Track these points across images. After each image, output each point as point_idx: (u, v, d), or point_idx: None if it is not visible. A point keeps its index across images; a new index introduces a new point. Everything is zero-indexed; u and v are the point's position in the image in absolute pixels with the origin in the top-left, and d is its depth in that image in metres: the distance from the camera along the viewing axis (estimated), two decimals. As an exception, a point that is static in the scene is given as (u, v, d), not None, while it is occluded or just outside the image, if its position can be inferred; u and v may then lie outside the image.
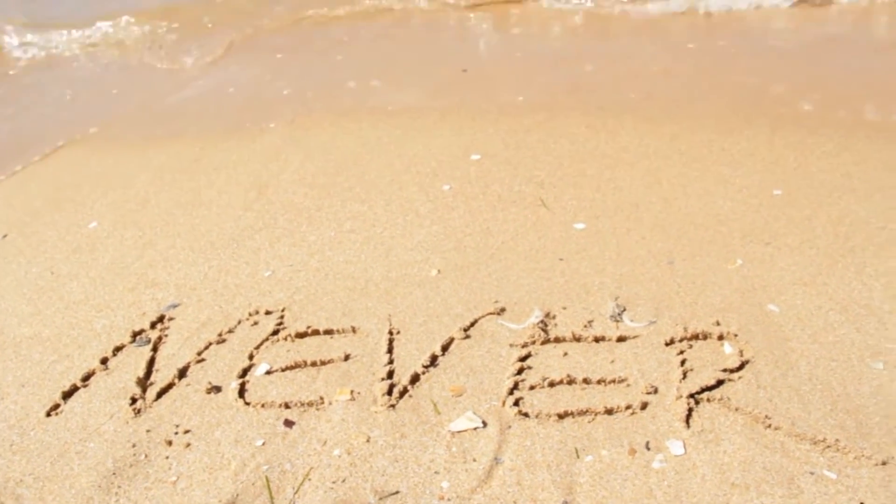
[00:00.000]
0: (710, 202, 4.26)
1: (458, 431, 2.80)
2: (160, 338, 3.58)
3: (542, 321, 3.35)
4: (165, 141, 6.40)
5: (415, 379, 3.09)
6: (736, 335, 3.19)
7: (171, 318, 3.71)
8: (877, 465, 2.51)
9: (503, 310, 3.48)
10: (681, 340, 3.20)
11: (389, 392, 3.02)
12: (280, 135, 6.10)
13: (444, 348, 3.26)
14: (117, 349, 3.52)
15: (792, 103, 5.64)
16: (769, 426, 2.71)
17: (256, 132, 6.26)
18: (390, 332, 3.39)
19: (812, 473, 2.50)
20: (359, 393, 3.05)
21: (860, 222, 3.93)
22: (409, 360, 3.21)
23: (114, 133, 6.91)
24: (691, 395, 2.87)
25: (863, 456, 2.55)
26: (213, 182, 5.33)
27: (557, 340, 3.26)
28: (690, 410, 2.81)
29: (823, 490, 2.43)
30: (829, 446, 2.60)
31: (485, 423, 2.82)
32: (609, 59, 7.46)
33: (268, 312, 3.66)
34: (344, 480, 2.62)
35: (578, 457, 2.64)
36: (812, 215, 4.04)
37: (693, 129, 5.30)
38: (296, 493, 2.59)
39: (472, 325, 3.40)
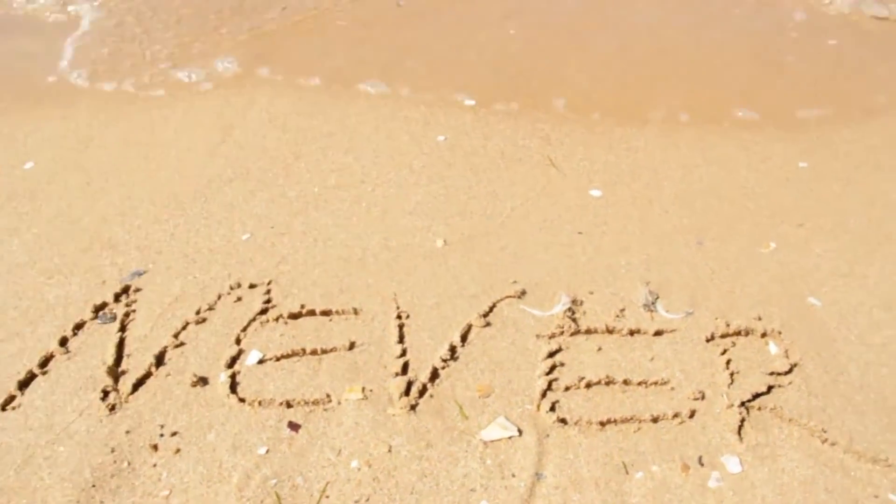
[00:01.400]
0: (733, 171, 4.16)
1: (492, 441, 2.67)
2: (127, 314, 3.30)
3: (569, 308, 3.21)
4: (101, 64, 5.93)
5: (434, 375, 2.94)
6: (780, 333, 3.13)
7: (137, 290, 3.43)
8: (940, 487, 2.49)
9: (524, 292, 3.33)
10: (722, 336, 3.13)
11: (407, 391, 2.86)
12: (241, 63, 5.70)
13: (463, 338, 3.10)
14: (77, 327, 3.23)
15: (807, 71, 5.54)
16: (826, 441, 2.67)
17: (210, 53, 5.84)
18: (399, 317, 3.20)
19: (876, 497, 2.48)
20: (371, 391, 2.88)
21: (892, 205, 3.89)
22: (424, 352, 3.04)
23: (35, 53, 6.39)
24: (742, 404, 2.80)
25: (925, 478, 2.53)
26: (168, 118, 4.95)
27: (589, 332, 3.14)
28: (742, 420, 2.76)
29: (889, 515, 2.40)
30: (889, 466, 2.57)
31: (520, 432, 2.70)
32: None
33: (252, 286, 3.41)
34: (368, 499, 2.48)
35: (627, 473, 2.56)
36: (842, 193, 3.99)
37: (706, 86, 5.14)
38: (313, 512, 2.43)
39: (491, 309, 3.24)
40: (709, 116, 4.73)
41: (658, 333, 3.14)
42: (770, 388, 2.88)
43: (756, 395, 2.85)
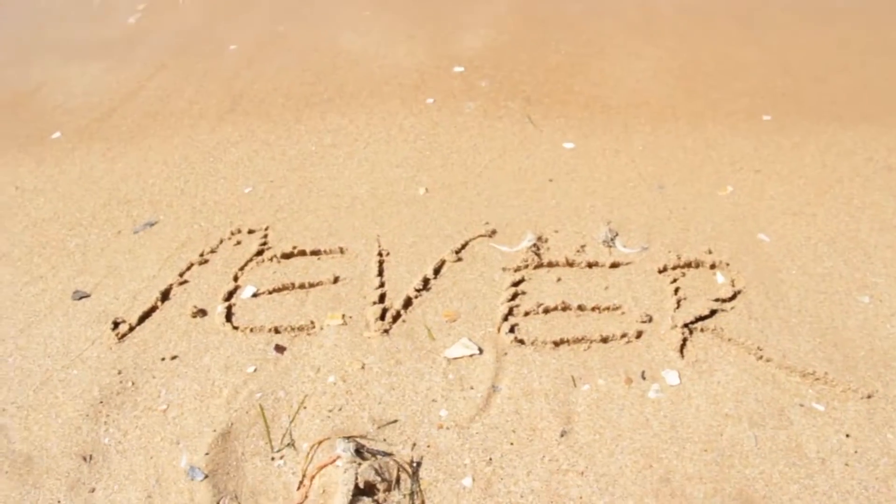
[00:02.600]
0: (699, 125, 4.27)
1: (454, 358, 2.84)
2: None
3: (534, 244, 3.38)
4: (119, 46, 6.16)
5: (407, 303, 3.12)
6: (728, 264, 3.25)
7: (149, 238, 3.65)
8: (862, 398, 2.62)
9: (494, 232, 3.49)
10: (674, 268, 3.26)
11: (382, 317, 3.04)
12: (253, 42, 5.91)
13: (436, 271, 3.28)
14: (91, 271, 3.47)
15: (783, 22, 5.61)
16: (761, 357, 2.79)
17: (225, 37, 6.05)
18: (380, 254, 3.39)
19: (801, 406, 2.59)
20: (350, 317, 3.06)
21: (846, 152, 3.99)
22: (400, 284, 3.22)
23: (65, 37, 6.64)
24: (685, 325, 2.94)
25: (849, 389, 2.65)
26: (183, 90, 5.17)
27: (550, 265, 3.30)
28: (685, 340, 2.89)
29: (812, 422, 2.53)
30: (817, 379, 2.70)
31: (481, 350, 2.87)
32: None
33: (251, 231, 3.62)
34: (340, 409, 2.65)
35: (575, 385, 2.71)
36: (800, 142, 4.09)
37: (682, 48, 5.26)
38: (292, 421, 2.62)
39: (464, 247, 3.42)
40: (680, 75, 4.84)
41: (614, 266, 3.29)
42: (713, 312, 3.02)
43: (699, 318, 2.98)
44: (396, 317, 3.05)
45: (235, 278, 3.32)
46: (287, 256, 3.43)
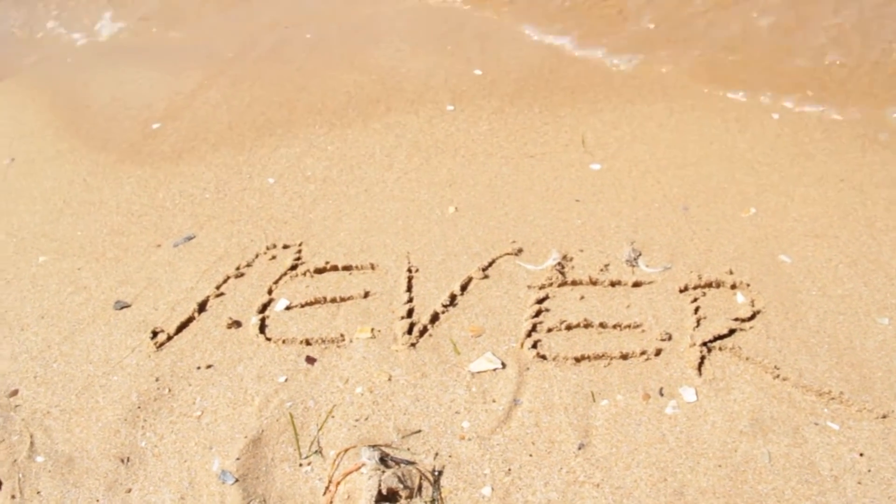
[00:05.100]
0: (724, 146, 4.32)
1: (478, 372, 2.92)
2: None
3: (559, 263, 3.45)
4: (163, 68, 6.35)
5: (434, 318, 3.20)
6: (748, 285, 3.30)
7: (188, 251, 3.79)
8: (877, 418, 2.66)
9: (520, 250, 3.57)
10: (695, 288, 3.32)
11: (409, 331, 3.14)
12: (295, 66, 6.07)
13: (463, 288, 3.37)
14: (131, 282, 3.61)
15: (809, 55, 5.64)
16: (777, 377, 2.84)
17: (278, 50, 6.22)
18: (409, 270, 3.48)
19: (816, 424, 2.64)
20: (379, 331, 3.16)
21: (873, 172, 4.02)
22: (428, 299, 3.32)
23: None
24: (704, 344, 2.99)
25: (864, 409, 2.69)
26: (222, 106, 5.34)
27: (574, 283, 3.37)
28: (703, 358, 2.94)
29: (826, 440, 2.58)
30: (833, 398, 2.74)
31: (504, 365, 2.94)
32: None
33: (285, 246, 3.74)
34: (367, 418, 2.74)
35: (594, 400, 2.78)
36: (825, 164, 4.12)
37: (705, 74, 5.31)
38: (320, 429, 2.72)
39: (491, 264, 3.50)
40: (708, 96, 4.90)
41: (637, 285, 3.35)
42: (732, 331, 3.07)
43: (718, 337, 3.04)
44: (423, 331, 3.14)
45: (269, 291, 3.43)
46: (320, 271, 3.54)
